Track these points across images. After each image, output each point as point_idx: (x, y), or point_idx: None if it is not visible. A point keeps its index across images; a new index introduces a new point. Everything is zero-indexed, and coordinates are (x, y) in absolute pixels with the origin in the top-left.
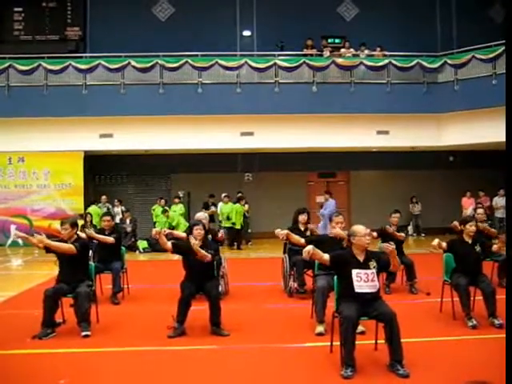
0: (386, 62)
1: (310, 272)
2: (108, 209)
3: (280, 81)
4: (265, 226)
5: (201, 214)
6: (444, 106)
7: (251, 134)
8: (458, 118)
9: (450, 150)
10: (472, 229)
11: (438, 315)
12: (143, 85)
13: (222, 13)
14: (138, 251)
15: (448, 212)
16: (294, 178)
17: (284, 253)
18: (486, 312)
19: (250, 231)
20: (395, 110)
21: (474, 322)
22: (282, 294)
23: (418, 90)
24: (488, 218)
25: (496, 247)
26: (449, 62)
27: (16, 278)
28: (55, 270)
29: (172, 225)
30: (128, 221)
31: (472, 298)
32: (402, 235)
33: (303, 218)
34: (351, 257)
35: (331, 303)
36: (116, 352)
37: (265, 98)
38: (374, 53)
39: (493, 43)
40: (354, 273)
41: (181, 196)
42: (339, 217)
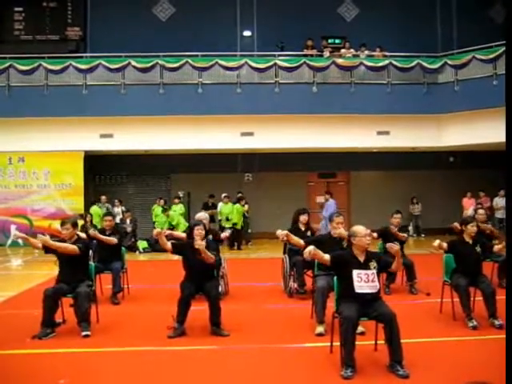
0: (387, 62)
1: (309, 272)
2: (107, 209)
3: (280, 81)
4: (265, 226)
5: (201, 214)
6: (444, 107)
7: (251, 134)
8: (459, 119)
9: (450, 151)
10: (473, 229)
11: (438, 316)
12: (143, 85)
13: (223, 13)
14: (137, 251)
15: (448, 212)
16: (294, 178)
17: (284, 253)
18: (486, 313)
19: (250, 231)
20: (395, 111)
21: (475, 322)
22: (282, 295)
23: (419, 91)
24: (488, 219)
25: (497, 248)
26: (449, 62)
27: (16, 277)
28: (55, 270)
29: (172, 224)
30: (128, 221)
31: (472, 299)
32: (404, 236)
33: (304, 218)
34: (352, 257)
35: (331, 304)
36: (116, 352)
37: (265, 99)
38: (374, 53)
39: (493, 44)
40: (354, 273)
41: (181, 196)
42: (340, 217)
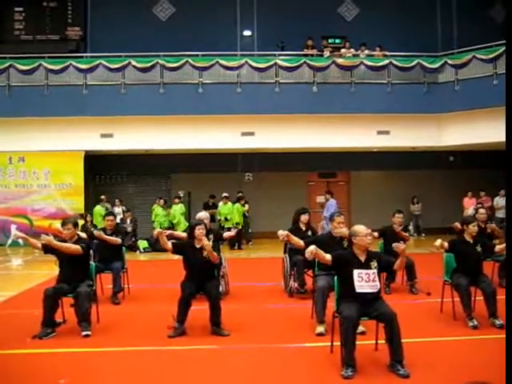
0: (387, 62)
1: (310, 272)
2: (107, 208)
3: (280, 81)
4: (265, 225)
5: (202, 214)
6: (444, 106)
7: (252, 133)
8: (459, 118)
9: (450, 150)
10: (474, 229)
11: (439, 315)
12: (144, 85)
13: (223, 13)
14: (138, 251)
15: (448, 212)
16: (294, 178)
17: (284, 253)
18: (486, 312)
19: (250, 231)
20: (396, 110)
21: (475, 322)
22: (283, 294)
23: (419, 90)
24: (489, 219)
25: (499, 248)
26: (449, 62)
27: (16, 277)
28: (55, 270)
29: (173, 222)
30: (128, 221)
31: (473, 299)
32: (407, 235)
33: (305, 217)
34: (352, 257)
35: (331, 303)
36: (116, 352)
37: (265, 98)
38: (374, 53)
39: (493, 43)
40: (355, 273)
41: (181, 196)
42: (341, 217)
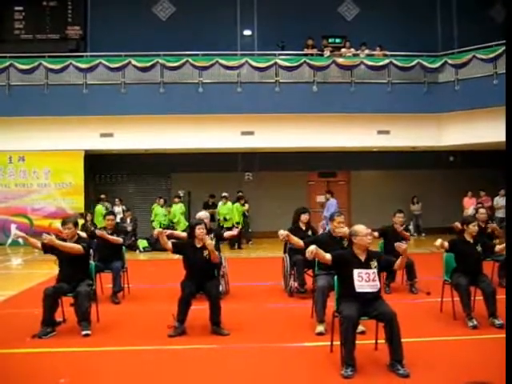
0: (387, 61)
1: (310, 272)
2: (106, 208)
3: (280, 80)
4: (265, 225)
5: (202, 214)
6: (444, 106)
7: (252, 133)
8: (459, 118)
9: (450, 150)
10: (475, 229)
11: (439, 315)
12: (144, 84)
13: (223, 12)
14: (138, 250)
15: (448, 212)
16: (294, 177)
17: (284, 252)
18: (486, 312)
19: (250, 231)
20: (396, 110)
21: (475, 322)
22: (283, 294)
23: (419, 90)
24: (489, 218)
25: (499, 248)
26: (449, 61)
27: (16, 277)
28: (55, 270)
29: (173, 221)
30: (128, 220)
31: (472, 298)
32: (408, 235)
33: (306, 217)
34: (352, 256)
35: (331, 303)
36: (116, 351)
37: (265, 98)
38: (374, 52)
39: (493, 43)
40: (355, 272)
41: (181, 195)
42: (341, 216)
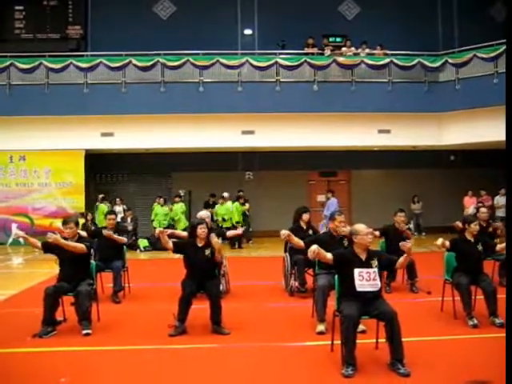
0: (388, 60)
1: (310, 271)
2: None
3: (281, 79)
4: (266, 224)
5: (203, 213)
6: (445, 105)
7: (252, 132)
8: (459, 117)
9: (451, 149)
10: (476, 228)
11: (439, 314)
12: (144, 83)
13: (223, 11)
14: (138, 250)
15: (449, 211)
16: (294, 176)
17: (285, 251)
18: (486, 311)
19: (250, 230)
20: (396, 109)
21: (475, 321)
22: (283, 293)
23: (420, 89)
24: (490, 217)
25: (500, 247)
26: (450, 60)
27: (17, 276)
28: (56, 269)
29: (174, 219)
30: (129, 219)
31: (473, 297)
32: (410, 234)
33: (307, 216)
34: (353, 256)
35: (332, 302)
36: (117, 350)
37: (266, 97)
38: (374, 51)
39: (494, 42)
40: (356, 272)
41: (181, 195)
42: (341, 216)
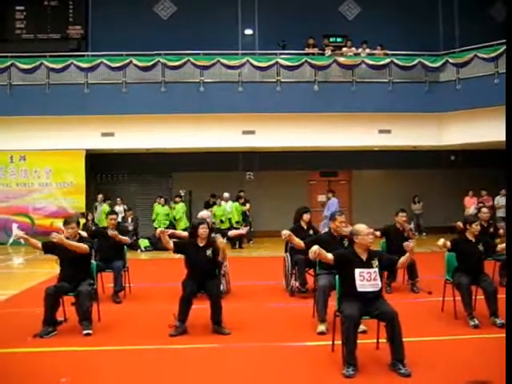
0: (388, 60)
1: (311, 271)
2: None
3: (282, 80)
4: (266, 224)
5: (205, 213)
6: (446, 105)
7: (253, 132)
8: (460, 117)
9: (451, 149)
10: (477, 228)
11: (440, 314)
12: (145, 83)
13: (224, 11)
14: (139, 250)
15: (449, 211)
16: (295, 176)
17: (285, 252)
18: (487, 311)
19: (251, 230)
20: (397, 109)
21: (476, 321)
22: (284, 293)
23: (420, 89)
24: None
25: (501, 247)
26: (451, 60)
27: (18, 276)
28: (56, 269)
29: (176, 218)
30: (130, 219)
31: (474, 298)
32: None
33: (307, 216)
34: (354, 256)
35: (333, 302)
36: (117, 351)
37: (266, 97)
38: (375, 51)
39: (495, 42)
40: (357, 272)
41: (182, 195)
42: (342, 216)
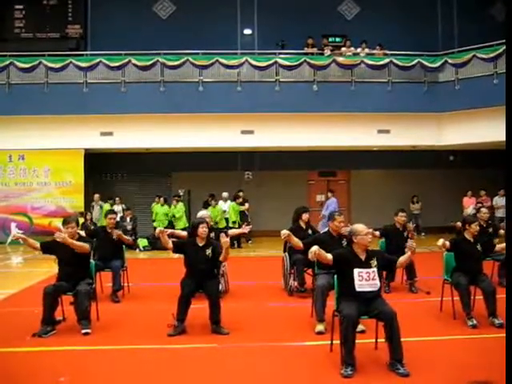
0: (387, 60)
1: (310, 271)
2: (101, 207)
3: (281, 79)
4: (265, 224)
5: (204, 213)
6: (445, 106)
7: (251, 132)
8: (459, 118)
9: (450, 150)
10: (476, 228)
11: (438, 314)
12: (144, 83)
13: (223, 11)
14: (138, 249)
15: (448, 211)
16: (294, 176)
17: (284, 251)
18: (486, 311)
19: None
20: (396, 109)
21: (474, 321)
22: (282, 293)
23: (419, 89)
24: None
25: (499, 247)
26: (450, 61)
27: (16, 275)
28: (55, 268)
29: (176, 216)
30: (128, 219)
31: (472, 298)
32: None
33: (306, 216)
34: (353, 256)
35: (331, 302)
36: (116, 350)
37: (265, 97)
38: (374, 51)
39: (494, 42)
40: (355, 272)
41: (181, 194)
42: (341, 216)
